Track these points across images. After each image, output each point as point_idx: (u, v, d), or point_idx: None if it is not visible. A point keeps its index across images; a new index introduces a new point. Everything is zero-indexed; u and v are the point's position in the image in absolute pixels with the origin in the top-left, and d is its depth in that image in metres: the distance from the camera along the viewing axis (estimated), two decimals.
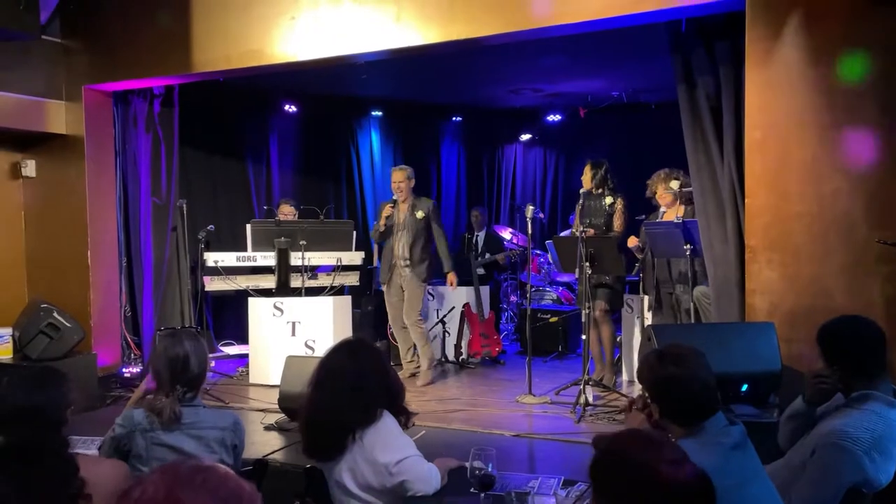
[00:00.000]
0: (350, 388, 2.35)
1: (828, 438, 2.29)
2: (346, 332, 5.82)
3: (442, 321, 6.44)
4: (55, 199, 5.83)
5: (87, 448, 3.31)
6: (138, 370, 5.87)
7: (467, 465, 2.31)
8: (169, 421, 2.50)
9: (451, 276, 5.86)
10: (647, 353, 2.09)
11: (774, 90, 3.82)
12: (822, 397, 2.52)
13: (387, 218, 5.67)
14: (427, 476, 2.32)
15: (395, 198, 5.69)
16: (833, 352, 2.48)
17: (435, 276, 6.00)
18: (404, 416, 2.50)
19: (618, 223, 5.32)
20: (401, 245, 5.65)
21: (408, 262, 5.64)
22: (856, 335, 2.48)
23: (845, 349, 2.45)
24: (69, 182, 5.78)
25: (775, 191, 3.82)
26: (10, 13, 4.61)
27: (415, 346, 5.76)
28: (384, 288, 5.83)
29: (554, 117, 9.34)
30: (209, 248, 6.31)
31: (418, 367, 5.78)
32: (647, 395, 2.05)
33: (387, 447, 2.31)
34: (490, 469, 2.19)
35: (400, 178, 5.68)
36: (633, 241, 5.24)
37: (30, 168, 5.85)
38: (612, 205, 5.30)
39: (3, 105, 5.32)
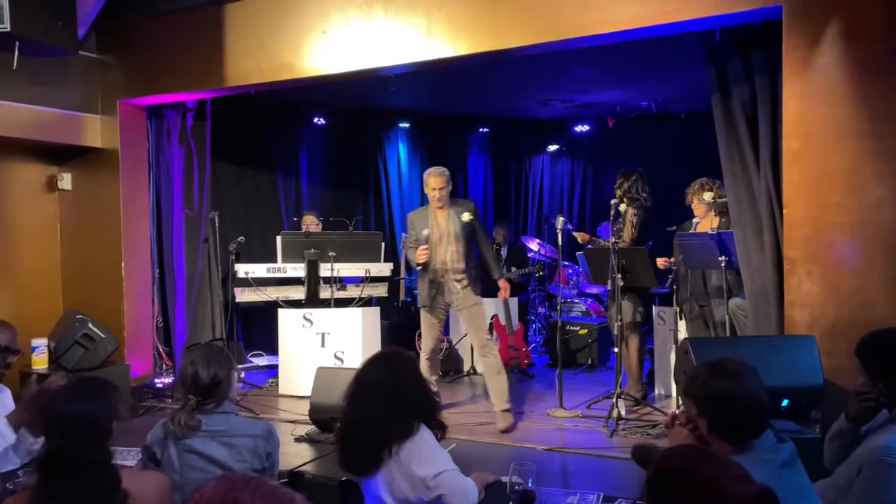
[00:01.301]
0: (387, 401, 2.33)
1: (874, 456, 2.22)
2: (375, 344, 5.81)
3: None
4: (90, 211, 5.91)
5: (122, 459, 3.33)
6: (170, 381, 5.91)
7: (504, 479, 2.28)
8: (181, 430, 2.52)
9: (504, 283, 5.04)
10: (697, 366, 2.04)
11: (812, 99, 3.75)
12: (866, 414, 2.44)
13: (419, 242, 4.89)
14: (465, 490, 2.29)
15: (421, 233, 4.91)
16: (876, 366, 2.41)
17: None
18: (440, 430, 2.48)
19: (627, 232, 5.21)
20: (449, 256, 4.82)
21: (461, 277, 4.83)
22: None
23: (889, 363, 2.38)
24: (104, 195, 5.86)
25: (815, 201, 3.75)
26: (49, 29, 4.71)
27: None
28: (424, 312, 4.98)
29: (582, 128, 9.29)
30: (239, 260, 6.35)
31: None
32: (692, 409, 2.00)
33: (424, 461, 2.28)
34: (529, 484, 2.15)
35: (441, 183, 4.88)
36: (661, 263, 5.16)
37: (66, 181, 5.95)
38: (624, 213, 5.24)
39: (40, 119, 5.42)
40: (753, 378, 1.96)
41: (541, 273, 7.58)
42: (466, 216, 4.85)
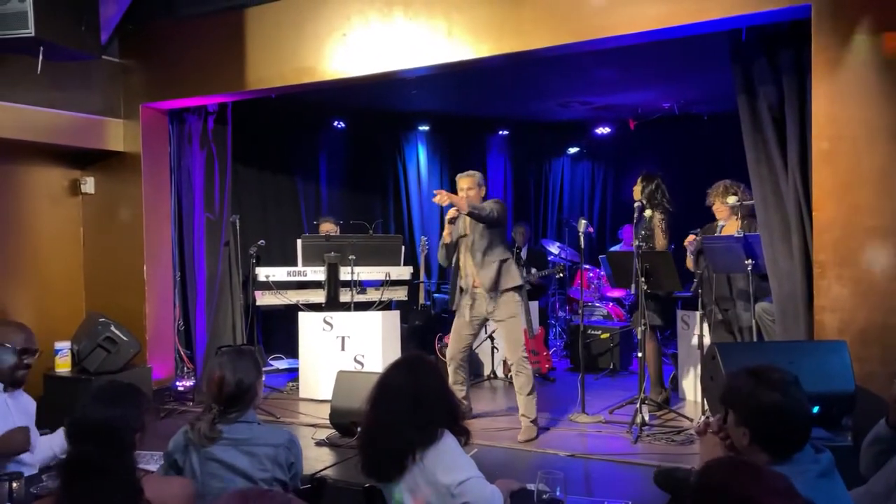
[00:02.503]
0: (410, 407, 2.30)
1: None
2: (395, 348, 5.79)
3: (490, 336, 6.37)
4: (113, 214, 5.95)
5: (144, 463, 3.33)
6: (191, 383, 5.93)
7: (530, 487, 2.23)
8: (201, 439, 2.49)
9: (457, 197, 4.61)
10: (737, 375, 1.97)
11: (843, 100, 3.67)
12: None
13: (452, 221, 4.69)
14: (490, 498, 2.25)
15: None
16: None
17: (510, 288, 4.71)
18: (464, 436, 2.44)
19: (659, 239, 5.15)
20: (475, 268, 4.67)
21: (485, 286, 4.64)
22: None
23: None
24: (126, 198, 5.90)
25: (845, 204, 3.66)
26: (72, 34, 4.74)
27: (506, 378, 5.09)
28: (459, 316, 4.83)
29: (603, 130, 9.22)
30: (260, 263, 6.37)
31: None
32: (730, 418, 1.93)
33: (448, 468, 2.25)
34: (557, 493, 2.11)
35: (467, 184, 4.75)
36: (690, 239, 5.07)
37: (89, 185, 5.99)
38: (650, 219, 5.17)
39: (63, 123, 5.47)
40: (800, 389, 1.90)
41: (561, 275, 7.51)
42: None
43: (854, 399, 3.38)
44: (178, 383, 5.95)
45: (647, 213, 5.17)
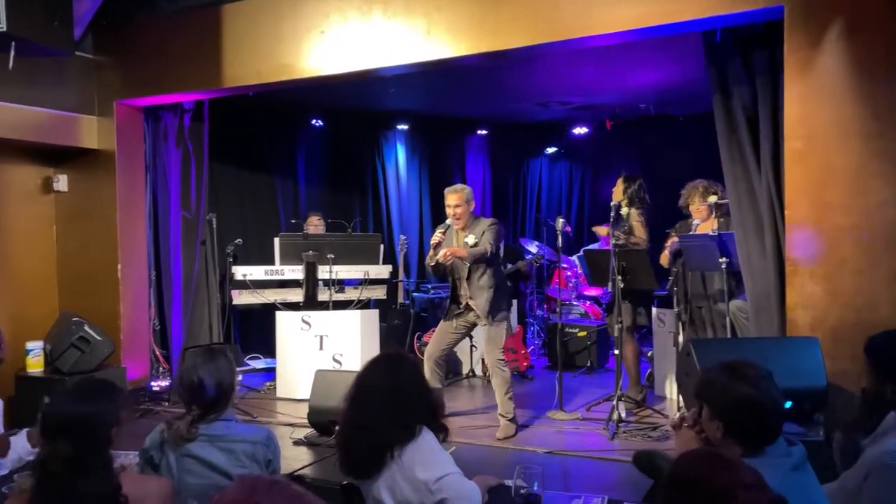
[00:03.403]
0: (389, 404, 2.30)
1: (881, 459, 2.19)
2: (374, 346, 5.78)
3: (469, 335, 6.37)
4: (86, 213, 5.86)
5: (119, 463, 3.29)
6: (167, 384, 5.87)
7: (508, 483, 2.24)
8: (176, 439, 2.48)
9: (454, 248, 4.58)
10: (712, 369, 2.00)
11: (815, 100, 3.73)
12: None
13: (436, 248, 4.65)
14: (468, 494, 2.25)
15: (447, 223, 4.73)
16: (886, 367, 2.37)
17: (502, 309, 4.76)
18: (443, 433, 2.44)
19: (639, 231, 5.19)
20: (463, 283, 4.69)
21: (480, 310, 4.65)
22: None
23: None
24: (100, 196, 5.82)
25: (818, 203, 3.73)
26: (45, 30, 4.67)
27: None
28: (445, 322, 4.84)
29: (580, 130, 9.28)
30: (237, 262, 6.32)
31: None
32: (705, 412, 1.96)
33: (427, 464, 2.24)
34: (535, 488, 2.12)
35: (455, 200, 4.66)
36: (672, 239, 5.13)
37: (62, 182, 5.90)
38: (628, 216, 5.22)
39: (36, 120, 5.38)
40: (772, 383, 1.94)
41: (538, 264, 7.58)
42: (471, 239, 4.64)
43: (826, 395, 3.43)
44: (153, 383, 5.89)
45: (624, 210, 5.21)
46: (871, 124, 3.59)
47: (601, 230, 5.92)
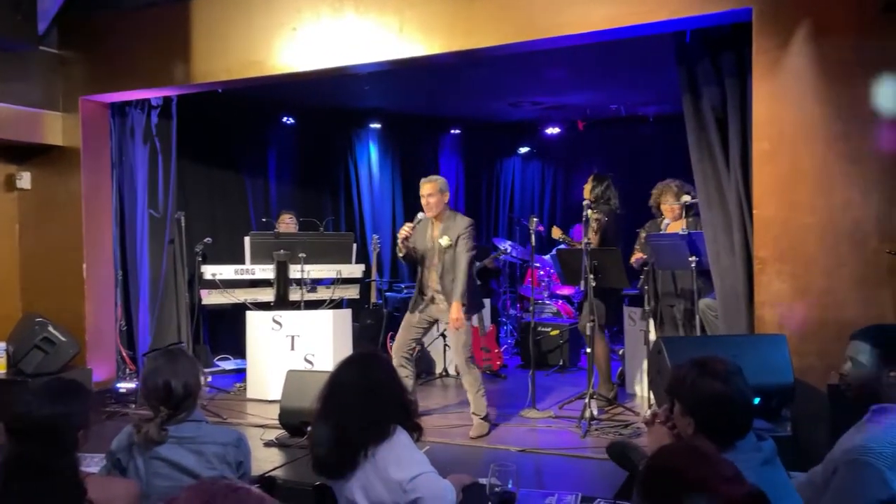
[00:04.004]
0: (362, 403, 2.28)
1: (849, 455, 2.22)
2: (346, 346, 5.74)
3: (443, 335, 6.37)
4: (51, 211, 5.74)
5: (85, 466, 3.21)
6: (133, 386, 5.75)
7: (483, 481, 2.24)
8: (146, 442, 2.44)
9: (456, 308, 4.53)
10: (683, 365, 2.02)
11: (782, 101, 3.79)
12: None
13: (404, 241, 4.65)
14: (442, 493, 2.24)
15: (419, 216, 4.74)
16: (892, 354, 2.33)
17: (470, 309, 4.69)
18: (417, 432, 2.43)
19: (591, 235, 5.15)
20: (433, 274, 4.68)
21: (443, 296, 4.65)
22: None
23: None
24: (65, 194, 5.70)
25: (785, 202, 3.79)
26: (7, 23, 4.56)
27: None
28: (410, 315, 4.82)
29: (552, 130, 9.34)
30: (206, 261, 6.22)
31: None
32: (676, 408, 1.98)
33: (401, 464, 2.23)
34: (509, 486, 2.12)
35: (428, 190, 4.69)
36: (637, 256, 5.19)
37: (25, 180, 5.77)
38: (587, 218, 5.24)
39: None
40: (742, 379, 1.96)
41: (502, 256, 7.60)
42: (446, 241, 4.61)
43: (793, 391, 3.50)
44: (119, 385, 5.76)
45: (588, 212, 5.23)
46: (837, 125, 3.66)
47: (556, 232, 5.94)
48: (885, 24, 3.49)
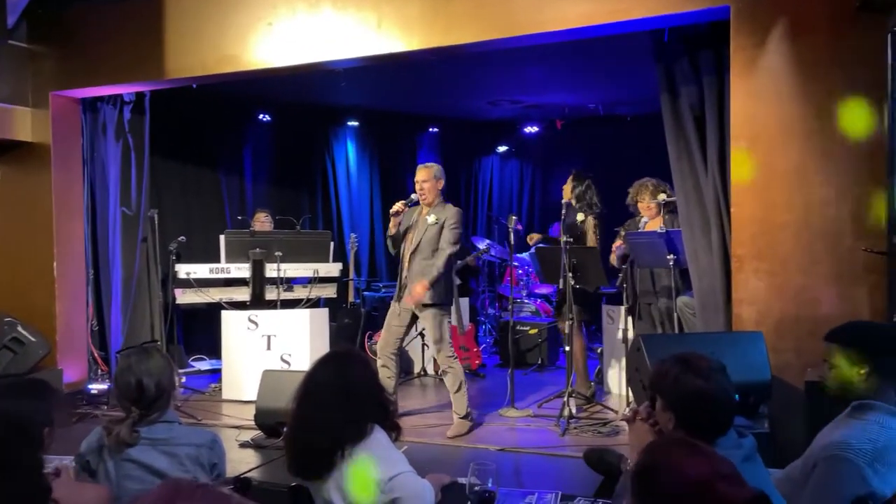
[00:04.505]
0: (339, 402, 2.23)
1: (828, 451, 2.22)
2: (323, 346, 5.68)
3: (421, 334, 6.34)
4: (20, 209, 5.61)
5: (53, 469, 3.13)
6: (105, 386, 5.63)
7: (462, 480, 2.21)
8: (117, 444, 2.38)
9: (420, 287, 4.48)
10: (666, 361, 2.01)
11: (759, 99, 3.81)
12: None
13: (395, 215, 4.63)
14: (421, 493, 2.21)
15: (412, 197, 4.71)
16: (862, 353, 2.34)
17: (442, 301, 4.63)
18: (395, 431, 2.39)
19: (591, 242, 5.23)
20: (414, 263, 4.61)
21: (410, 279, 4.61)
22: (886, 336, 2.40)
23: (880, 350, 2.33)
24: (35, 191, 5.58)
25: (762, 200, 3.80)
26: None
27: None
28: (393, 305, 4.79)
29: (531, 129, 9.34)
30: (180, 260, 6.13)
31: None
32: (658, 404, 1.96)
33: (379, 463, 2.19)
34: (489, 485, 2.09)
35: (423, 176, 4.66)
36: (617, 243, 5.19)
37: None
38: (582, 222, 5.25)
39: None
40: (724, 377, 1.95)
41: (483, 256, 7.59)
42: (432, 218, 4.60)
43: (770, 388, 3.51)
44: (91, 386, 5.63)
45: (580, 216, 5.24)
46: (813, 123, 3.68)
47: (533, 238, 5.94)
48: (860, 22, 3.51)
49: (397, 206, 4.67)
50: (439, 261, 4.54)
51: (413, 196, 4.72)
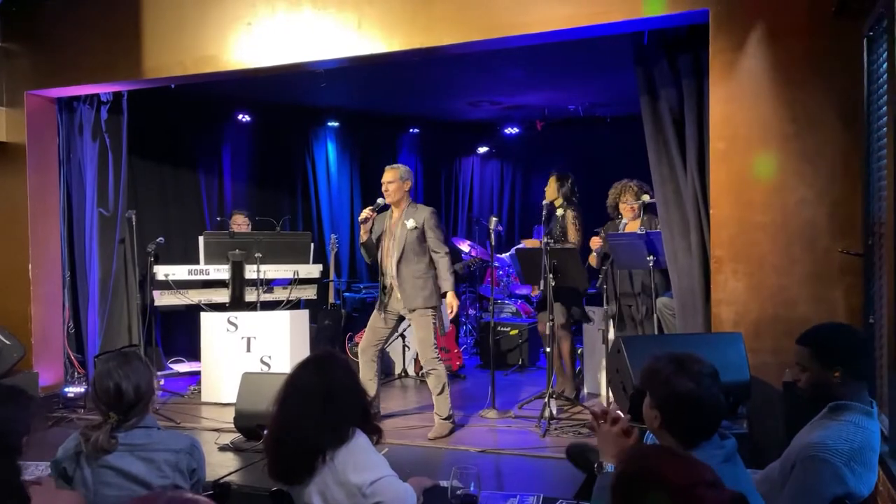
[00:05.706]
0: (320, 406, 2.22)
1: (806, 451, 2.25)
2: (303, 348, 5.65)
3: (402, 335, 6.32)
4: None
5: (29, 474, 3.08)
6: (82, 390, 5.56)
7: (444, 484, 2.20)
8: (95, 450, 2.34)
9: (451, 298, 4.66)
10: (660, 359, 2.00)
11: (738, 102, 3.85)
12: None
13: (364, 222, 4.66)
14: (403, 496, 2.20)
15: (379, 202, 4.72)
16: (834, 355, 2.37)
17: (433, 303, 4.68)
18: (376, 434, 2.38)
19: (572, 234, 5.27)
20: (390, 262, 4.63)
21: (400, 288, 4.62)
22: (856, 338, 2.43)
23: (852, 352, 2.36)
24: (9, 192, 5.50)
25: (740, 201, 3.84)
26: None
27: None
28: (375, 314, 4.79)
29: (511, 130, 9.37)
30: (159, 261, 6.06)
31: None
32: (643, 398, 1.96)
33: (360, 467, 2.18)
34: (471, 489, 2.09)
35: (389, 177, 4.67)
36: (595, 242, 5.21)
37: None
38: (563, 217, 5.29)
39: None
40: (715, 382, 1.95)
41: (473, 267, 7.59)
42: (410, 223, 4.60)
43: (749, 388, 3.54)
44: (67, 390, 5.57)
45: (559, 211, 5.26)
46: (790, 126, 3.73)
47: (529, 244, 5.96)
48: (837, 26, 3.56)
49: (365, 212, 4.68)
50: (445, 270, 4.63)
51: (380, 201, 4.70)
